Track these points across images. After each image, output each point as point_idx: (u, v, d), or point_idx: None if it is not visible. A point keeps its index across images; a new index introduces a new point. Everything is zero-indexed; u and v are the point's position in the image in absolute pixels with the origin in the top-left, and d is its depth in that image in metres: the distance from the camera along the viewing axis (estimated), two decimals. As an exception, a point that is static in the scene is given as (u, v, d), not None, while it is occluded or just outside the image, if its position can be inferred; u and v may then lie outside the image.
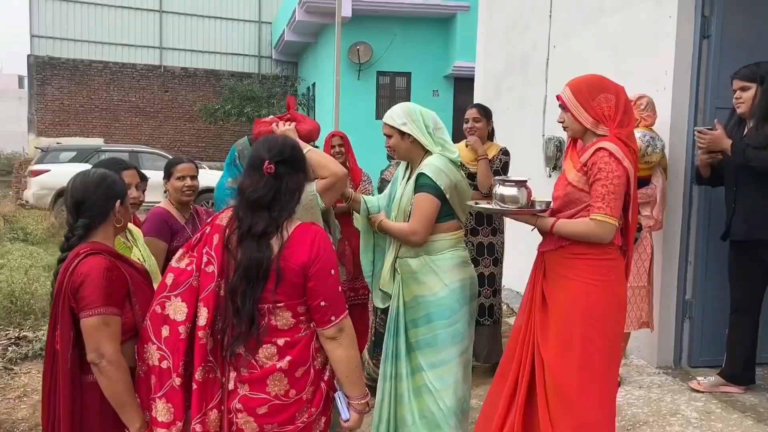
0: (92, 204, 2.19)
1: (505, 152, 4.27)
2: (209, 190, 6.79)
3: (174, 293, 2.12)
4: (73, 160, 13.35)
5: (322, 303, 2.09)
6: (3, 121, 27.83)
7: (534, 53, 5.97)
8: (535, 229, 2.77)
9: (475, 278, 3.16)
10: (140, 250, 2.99)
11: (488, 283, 4.25)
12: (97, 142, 19.29)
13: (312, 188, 2.84)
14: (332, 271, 2.12)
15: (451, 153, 3.05)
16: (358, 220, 3.34)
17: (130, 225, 3.13)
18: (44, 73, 21.34)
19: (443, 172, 2.96)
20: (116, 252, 2.24)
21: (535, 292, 2.78)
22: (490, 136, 4.34)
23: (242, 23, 23.44)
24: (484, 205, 2.89)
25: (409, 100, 15.98)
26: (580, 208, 2.63)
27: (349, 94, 15.11)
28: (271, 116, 3.02)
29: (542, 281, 2.75)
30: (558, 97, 2.72)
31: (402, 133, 3.03)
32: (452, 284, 3.01)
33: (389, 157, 4.80)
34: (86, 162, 13.68)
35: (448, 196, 2.97)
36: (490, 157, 4.15)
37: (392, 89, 16.80)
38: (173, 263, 2.20)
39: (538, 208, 2.72)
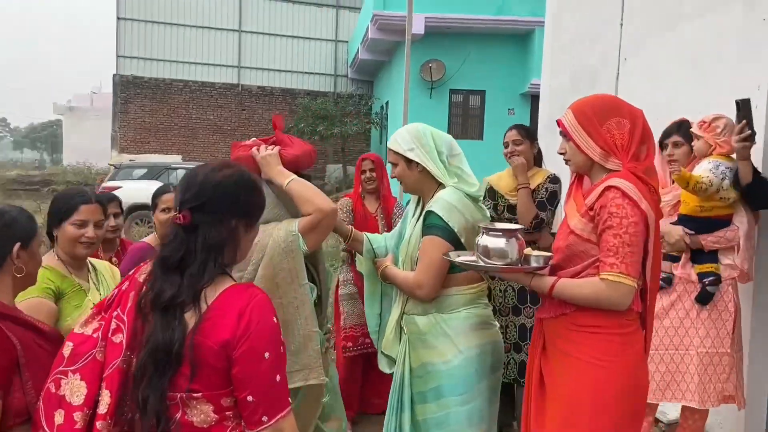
0: None
1: (553, 180, 3.55)
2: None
3: (72, 368, 1.66)
4: (144, 177, 13.83)
5: (250, 398, 1.55)
6: (99, 137, 29.11)
7: (603, 68, 5.27)
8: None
9: (499, 343, 2.55)
10: (101, 294, 2.54)
11: (531, 337, 3.55)
12: (175, 159, 19.69)
13: (293, 227, 2.33)
14: (266, 354, 1.56)
15: (469, 186, 2.46)
16: (361, 263, 2.79)
17: (96, 261, 2.71)
18: (128, 91, 22.03)
19: (456, 210, 2.38)
20: (8, 311, 1.78)
21: (533, 371, 2.17)
22: (537, 160, 3.68)
23: (319, 42, 23.50)
24: (464, 258, 2.25)
25: (482, 119, 15.28)
26: (586, 263, 2.02)
27: (421, 112, 14.61)
28: (254, 139, 2.53)
29: (540, 356, 2.14)
30: (558, 122, 2.11)
31: (409, 161, 2.47)
32: (467, 350, 2.42)
33: None
34: (157, 179, 13.98)
35: (463, 240, 2.39)
36: (533, 186, 3.49)
37: (465, 107, 16.25)
38: (76, 328, 1.73)
39: (534, 264, 2.11)
